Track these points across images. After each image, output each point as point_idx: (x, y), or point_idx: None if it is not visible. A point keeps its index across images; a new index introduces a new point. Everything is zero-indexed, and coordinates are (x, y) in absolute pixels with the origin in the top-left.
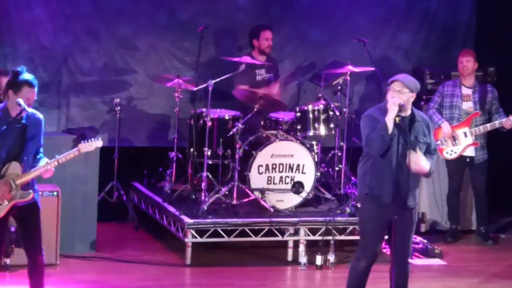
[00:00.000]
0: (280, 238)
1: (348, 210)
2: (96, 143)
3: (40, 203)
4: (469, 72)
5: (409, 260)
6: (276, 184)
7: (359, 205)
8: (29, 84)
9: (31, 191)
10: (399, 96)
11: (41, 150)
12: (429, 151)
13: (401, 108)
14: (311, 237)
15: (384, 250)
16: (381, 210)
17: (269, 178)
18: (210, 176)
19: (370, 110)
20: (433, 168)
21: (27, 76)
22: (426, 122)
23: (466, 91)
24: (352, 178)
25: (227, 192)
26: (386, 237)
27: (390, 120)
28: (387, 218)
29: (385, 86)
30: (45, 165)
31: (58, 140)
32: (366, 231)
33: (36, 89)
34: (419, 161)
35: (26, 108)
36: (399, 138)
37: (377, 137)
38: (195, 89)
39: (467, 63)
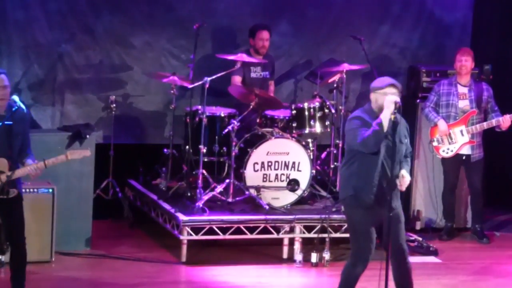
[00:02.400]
0: (275, 235)
1: (343, 208)
2: (84, 152)
3: (23, 193)
4: (467, 71)
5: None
6: (271, 181)
7: (343, 209)
8: None
9: (15, 190)
10: (396, 99)
11: (30, 146)
12: (405, 154)
13: (397, 106)
14: (307, 235)
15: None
16: (367, 212)
17: (265, 176)
18: (206, 173)
19: (356, 113)
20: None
21: None
22: (405, 124)
23: (462, 89)
24: None
25: (222, 190)
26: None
27: (386, 117)
28: (375, 220)
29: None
30: (33, 168)
31: (53, 137)
32: (358, 235)
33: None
34: (406, 182)
35: (21, 105)
36: (387, 139)
37: (372, 133)
38: (190, 86)
39: (466, 62)
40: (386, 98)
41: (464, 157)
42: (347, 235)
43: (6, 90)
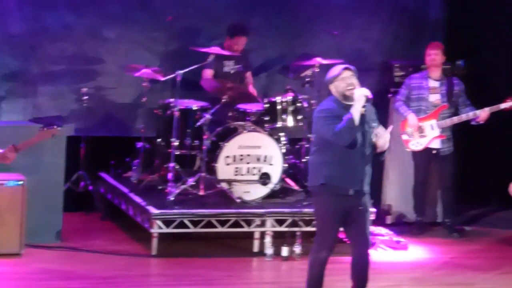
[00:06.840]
0: (246, 229)
1: (311, 195)
2: (54, 131)
3: None
4: (437, 65)
5: (372, 250)
6: (243, 175)
7: (311, 197)
8: None
9: None
10: (354, 81)
11: None
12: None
13: (368, 99)
14: (278, 228)
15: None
16: (338, 200)
17: (236, 169)
18: (177, 166)
19: (324, 105)
20: None
21: None
22: (372, 109)
23: (433, 83)
24: None
25: (194, 183)
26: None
27: (357, 111)
28: (343, 208)
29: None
30: (3, 152)
31: (24, 129)
32: (325, 222)
33: None
34: (386, 138)
35: None
36: (361, 128)
37: (345, 129)
38: (163, 79)
39: (436, 56)
40: (355, 91)
41: (434, 151)
42: None
43: None
